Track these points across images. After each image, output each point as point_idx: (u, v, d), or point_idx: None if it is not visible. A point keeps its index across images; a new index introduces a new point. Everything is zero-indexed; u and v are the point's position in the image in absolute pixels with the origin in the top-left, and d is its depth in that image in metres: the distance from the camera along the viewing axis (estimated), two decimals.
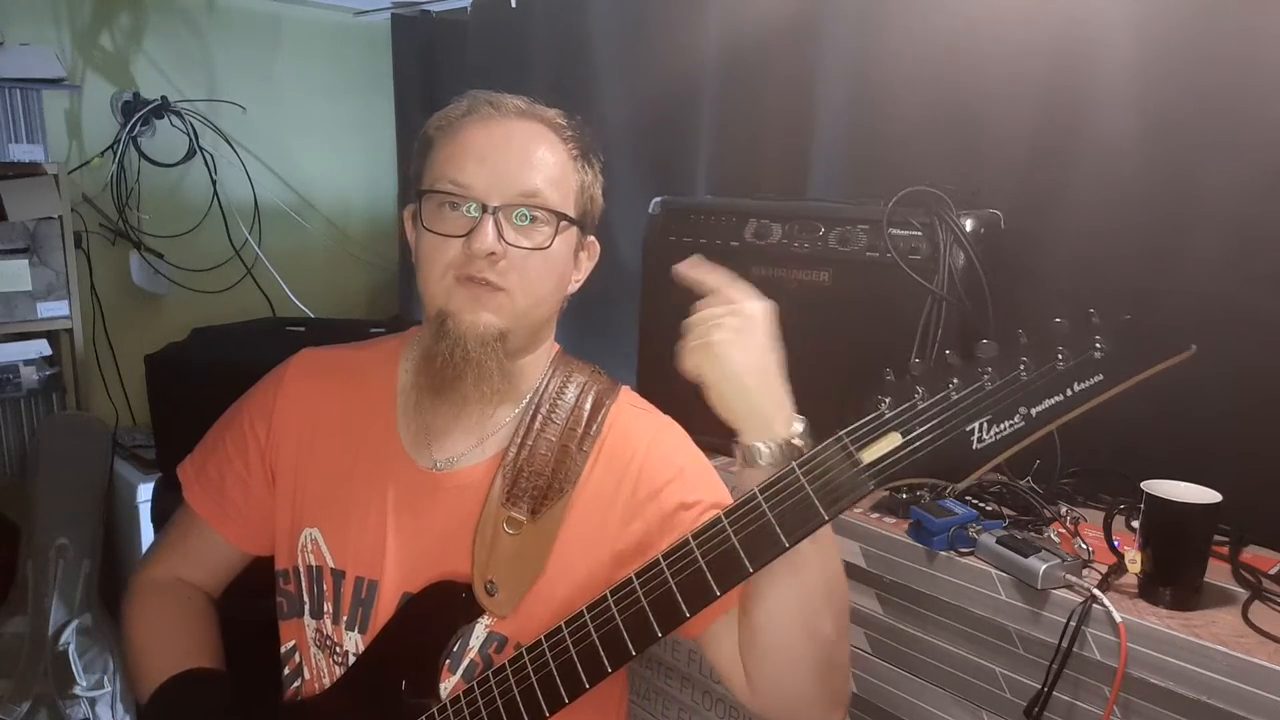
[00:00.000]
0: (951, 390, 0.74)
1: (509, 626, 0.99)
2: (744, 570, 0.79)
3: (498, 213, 0.95)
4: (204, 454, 1.14)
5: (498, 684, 0.90)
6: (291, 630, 1.08)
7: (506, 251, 0.95)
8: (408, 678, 0.98)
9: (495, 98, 1.01)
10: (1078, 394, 0.71)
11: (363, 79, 3.03)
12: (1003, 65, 1.60)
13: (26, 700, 2.03)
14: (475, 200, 0.95)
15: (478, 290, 0.95)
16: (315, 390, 1.10)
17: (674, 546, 0.82)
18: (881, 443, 0.76)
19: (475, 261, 0.94)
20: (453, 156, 0.97)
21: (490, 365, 0.96)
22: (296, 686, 1.07)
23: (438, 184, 0.97)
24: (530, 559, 0.98)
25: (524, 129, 1.00)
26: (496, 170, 0.96)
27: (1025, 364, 0.72)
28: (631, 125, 2.26)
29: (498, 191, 0.96)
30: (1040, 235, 1.58)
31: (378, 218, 3.14)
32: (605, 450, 1.03)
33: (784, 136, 1.96)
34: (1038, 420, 0.72)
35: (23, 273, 2.26)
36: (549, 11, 2.45)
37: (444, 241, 0.96)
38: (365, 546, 1.02)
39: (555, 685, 0.86)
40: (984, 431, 0.73)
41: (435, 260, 0.96)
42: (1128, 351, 0.70)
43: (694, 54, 2.09)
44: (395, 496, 1.03)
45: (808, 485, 0.78)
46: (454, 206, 0.96)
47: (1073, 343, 0.71)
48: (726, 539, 0.80)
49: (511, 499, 0.99)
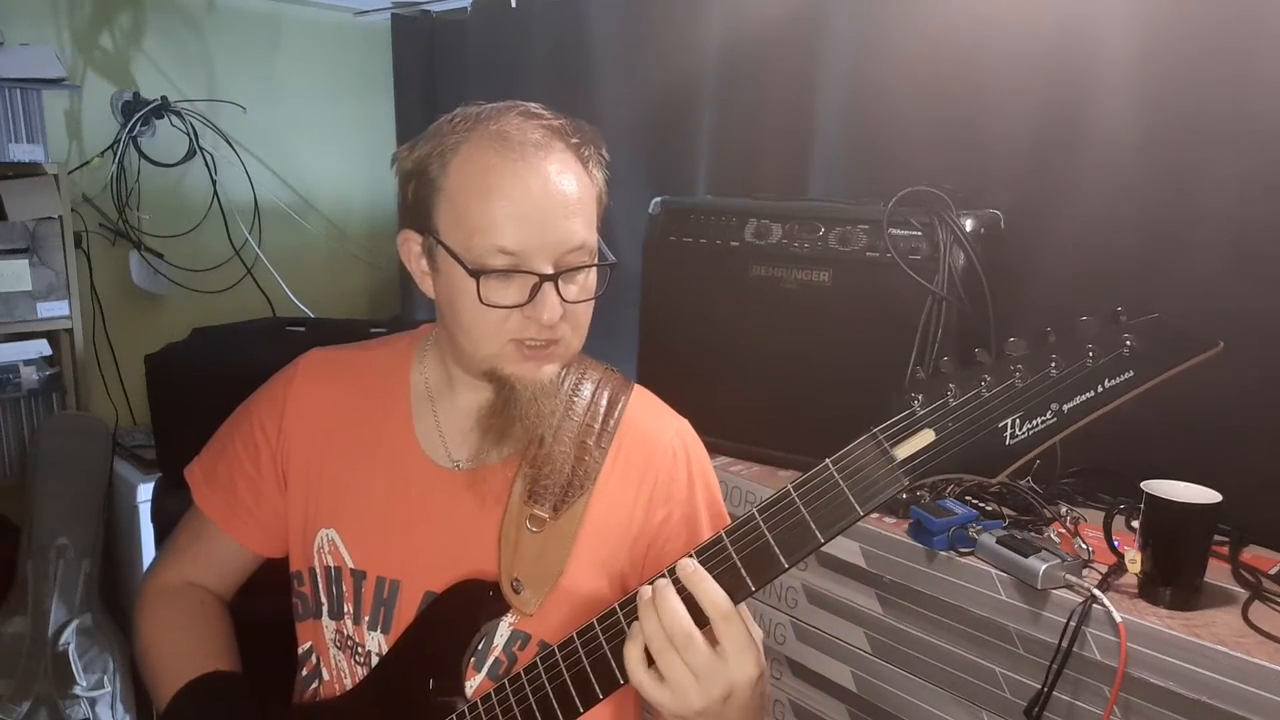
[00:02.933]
0: (983, 388, 0.75)
1: (532, 624, 0.99)
2: (779, 566, 0.79)
3: (557, 278, 0.92)
4: (213, 456, 1.13)
5: (529, 681, 0.90)
6: (308, 631, 1.08)
7: (567, 310, 0.94)
8: (433, 676, 0.98)
9: (512, 128, 0.92)
10: (1108, 390, 0.73)
11: (363, 79, 3.03)
12: (1003, 65, 1.60)
13: (26, 700, 2.03)
14: (532, 271, 0.91)
15: (533, 349, 0.95)
16: (326, 391, 1.09)
17: (708, 543, 0.82)
18: (915, 439, 0.77)
19: (534, 326, 0.92)
20: (494, 219, 0.90)
21: (545, 411, 0.97)
22: (315, 688, 1.07)
23: (486, 255, 0.91)
24: (553, 556, 0.98)
25: (548, 167, 0.92)
26: (543, 231, 0.91)
27: (1056, 361, 0.74)
28: (631, 125, 2.26)
29: (550, 254, 0.91)
30: (1040, 235, 1.58)
31: (378, 218, 3.14)
32: (623, 447, 1.03)
33: (784, 136, 1.96)
34: (1069, 416, 0.73)
35: (23, 273, 2.26)
36: (549, 11, 2.45)
37: (495, 310, 0.92)
38: (387, 547, 1.02)
39: (589, 681, 0.86)
40: (1017, 428, 0.74)
41: (487, 327, 0.93)
42: (1157, 348, 0.72)
43: (694, 54, 2.09)
44: (415, 496, 1.03)
45: (842, 482, 0.78)
46: (504, 275, 0.91)
47: (1102, 340, 0.73)
48: (760, 535, 0.80)
49: (533, 497, 0.99)
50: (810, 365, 1.55)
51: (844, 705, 1.44)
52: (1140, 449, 1.41)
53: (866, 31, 1.79)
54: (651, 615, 0.79)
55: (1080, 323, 0.74)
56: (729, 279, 1.64)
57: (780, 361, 1.59)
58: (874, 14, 1.77)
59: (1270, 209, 1.34)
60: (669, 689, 0.79)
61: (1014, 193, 1.59)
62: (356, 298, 3.12)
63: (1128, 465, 1.36)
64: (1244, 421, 1.36)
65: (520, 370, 0.96)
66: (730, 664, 0.78)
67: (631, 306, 1.83)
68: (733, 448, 1.66)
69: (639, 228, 1.81)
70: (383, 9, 2.91)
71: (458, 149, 0.93)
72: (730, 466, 1.63)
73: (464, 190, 0.92)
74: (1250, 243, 1.36)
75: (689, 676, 0.78)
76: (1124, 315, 0.73)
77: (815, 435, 0.83)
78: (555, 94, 2.37)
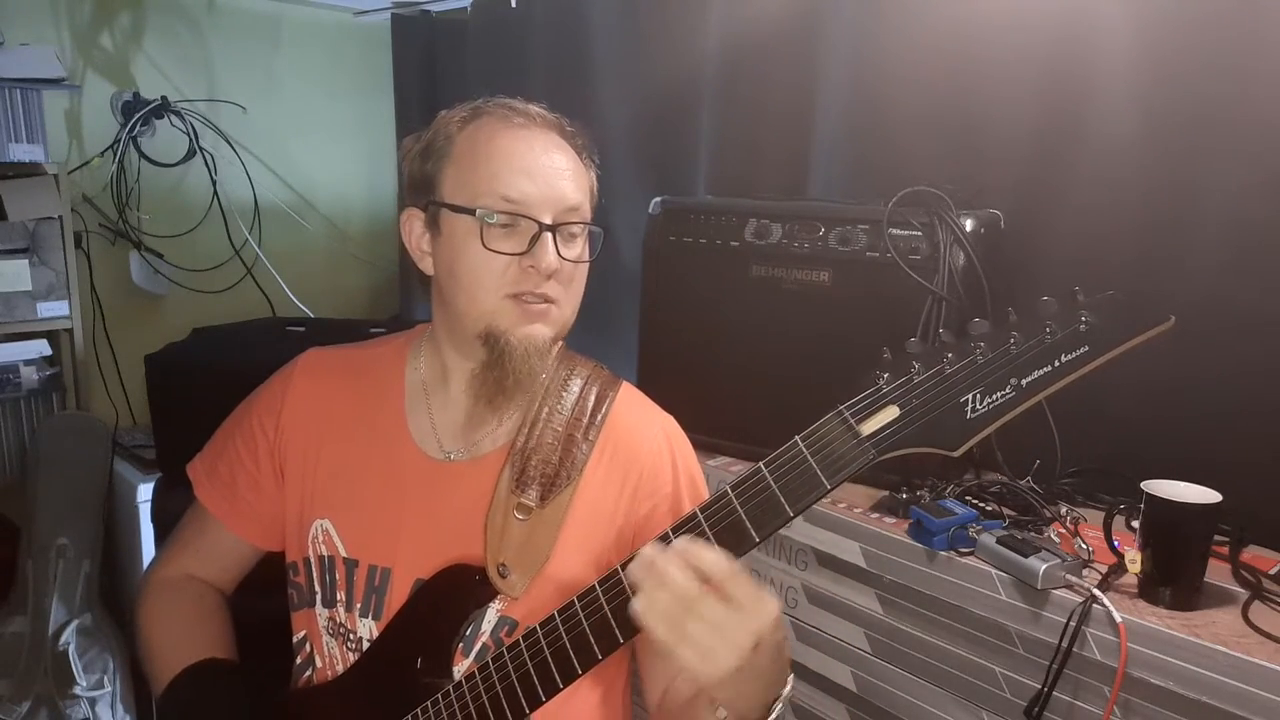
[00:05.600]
0: (945, 364, 0.78)
1: (519, 610, 1.01)
2: (750, 540, 0.81)
3: (555, 230, 0.97)
4: (214, 453, 1.17)
5: (512, 659, 0.91)
6: (302, 620, 1.10)
7: (563, 267, 0.98)
8: (422, 659, 1.00)
9: (517, 105, 1.02)
10: (1065, 364, 0.75)
11: (363, 79, 3.03)
12: (1003, 66, 1.60)
13: (26, 700, 2.03)
14: (532, 219, 0.96)
15: (529, 306, 0.98)
16: (323, 388, 1.12)
17: (682, 520, 0.84)
18: (880, 415, 0.79)
19: (532, 278, 0.97)
20: (499, 172, 0.97)
21: (536, 372, 1.01)
22: (308, 675, 1.09)
23: (491, 201, 0.97)
24: (539, 544, 1.00)
25: (555, 141, 1.01)
26: (546, 186, 0.97)
27: (1015, 338, 0.76)
28: (631, 125, 2.26)
29: (550, 208, 0.97)
30: (1040, 235, 1.58)
31: (378, 218, 3.14)
32: (610, 440, 1.06)
33: (784, 136, 1.96)
34: (1027, 390, 0.76)
35: (23, 273, 2.26)
36: (549, 11, 2.45)
37: (495, 258, 0.97)
38: (378, 535, 1.04)
39: (568, 657, 0.88)
40: (977, 402, 0.77)
41: (486, 278, 0.97)
42: (1111, 323, 0.75)
43: (694, 54, 2.09)
44: (407, 486, 1.05)
45: (810, 457, 0.80)
46: (506, 224, 0.97)
47: (1060, 317, 0.76)
48: (733, 511, 0.81)
49: (520, 486, 1.02)
50: (810, 365, 1.55)
51: (844, 705, 1.44)
52: (1140, 449, 1.41)
53: (867, 31, 1.79)
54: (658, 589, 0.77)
55: (1040, 302, 0.77)
56: (729, 279, 1.65)
57: (780, 361, 1.59)
58: (874, 14, 1.77)
59: (1270, 209, 1.34)
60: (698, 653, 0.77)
61: (1014, 193, 1.60)
62: (356, 298, 3.13)
63: (1128, 465, 1.36)
64: (1244, 421, 1.36)
65: (515, 327, 0.98)
66: (748, 611, 0.77)
67: (631, 306, 1.83)
68: (732, 447, 1.66)
69: (639, 228, 1.81)
70: (383, 9, 2.91)
71: (466, 123, 1.01)
72: (730, 466, 1.63)
73: (472, 151, 0.99)
74: (1250, 242, 1.36)
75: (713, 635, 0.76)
76: (1081, 294, 0.76)
77: None
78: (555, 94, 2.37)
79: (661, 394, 1.13)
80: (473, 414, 1.06)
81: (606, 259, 1.13)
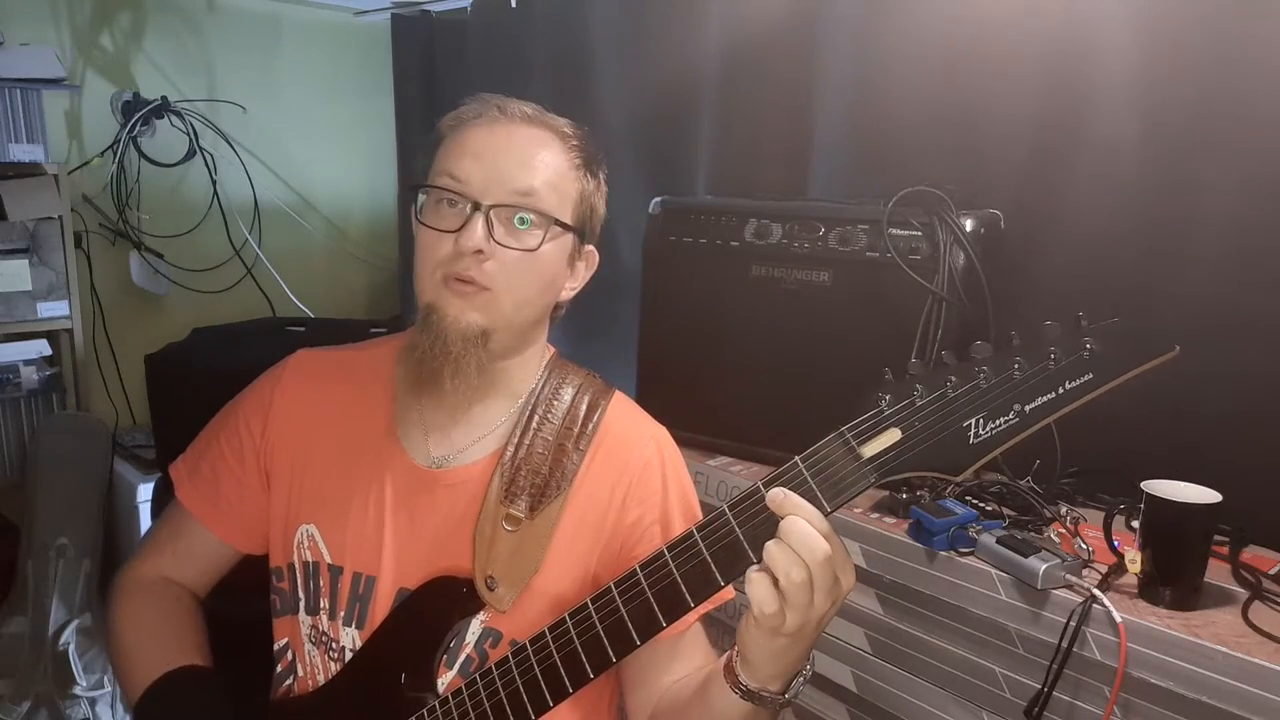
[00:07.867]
0: (949, 388, 0.77)
1: (504, 622, 0.99)
2: (748, 560, 0.80)
3: (490, 211, 0.96)
4: (198, 452, 1.14)
5: (500, 675, 0.90)
6: (285, 627, 1.08)
7: (495, 251, 0.96)
8: (405, 672, 0.98)
9: (504, 102, 1.02)
10: (1068, 391, 0.75)
11: (363, 79, 3.03)
12: (1003, 65, 1.60)
13: (26, 700, 2.03)
14: (468, 197, 0.96)
15: (463, 289, 0.96)
16: (312, 390, 1.10)
17: (678, 539, 0.83)
18: (882, 438, 0.78)
19: (462, 259, 0.95)
20: (452, 153, 0.99)
21: (469, 362, 0.96)
22: (290, 684, 1.07)
23: (435, 179, 0.99)
24: (527, 555, 0.99)
25: (528, 133, 1.00)
26: (493, 169, 0.97)
27: (1019, 363, 0.76)
28: (631, 125, 2.26)
29: (492, 191, 0.96)
30: (1040, 235, 1.58)
31: (378, 218, 3.14)
32: (601, 451, 1.05)
33: (784, 136, 1.96)
34: (1031, 416, 0.75)
35: (23, 273, 2.26)
36: (549, 11, 2.45)
37: (437, 237, 0.97)
38: (363, 542, 1.03)
39: (559, 675, 0.87)
40: (980, 427, 0.76)
41: (427, 255, 0.98)
42: (1116, 352, 0.74)
43: (694, 54, 2.09)
44: (393, 493, 1.03)
45: (811, 479, 0.79)
46: (451, 204, 0.97)
47: (1064, 343, 0.75)
48: (730, 531, 0.81)
49: (509, 496, 1.00)
50: (810, 365, 1.55)
51: (844, 705, 1.44)
52: (1140, 449, 1.41)
53: (867, 31, 1.79)
54: (782, 546, 0.77)
55: (1044, 327, 0.76)
56: (729, 279, 1.64)
57: (780, 361, 1.58)
58: (874, 14, 1.77)
59: (1271, 209, 1.34)
60: (792, 606, 0.78)
61: (1014, 193, 1.59)
62: (356, 298, 3.13)
63: (1128, 465, 1.35)
64: (1244, 422, 1.36)
65: (444, 304, 0.97)
66: (844, 577, 0.79)
67: (631, 306, 1.83)
68: (732, 447, 1.66)
69: (639, 228, 1.81)
70: (383, 9, 2.91)
71: (454, 117, 1.02)
72: (730, 466, 1.63)
73: (447, 140, 1.01)
74: (1250, 243, 1.36)
75: (816, 592, 0.77)
76: (1085, 320, 0.75)
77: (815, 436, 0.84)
78: (555, 94, 2.37)
79: (661, 394, 1.13)
80: (455, 413, 1.04)
81: (606, 259, 1.12)
